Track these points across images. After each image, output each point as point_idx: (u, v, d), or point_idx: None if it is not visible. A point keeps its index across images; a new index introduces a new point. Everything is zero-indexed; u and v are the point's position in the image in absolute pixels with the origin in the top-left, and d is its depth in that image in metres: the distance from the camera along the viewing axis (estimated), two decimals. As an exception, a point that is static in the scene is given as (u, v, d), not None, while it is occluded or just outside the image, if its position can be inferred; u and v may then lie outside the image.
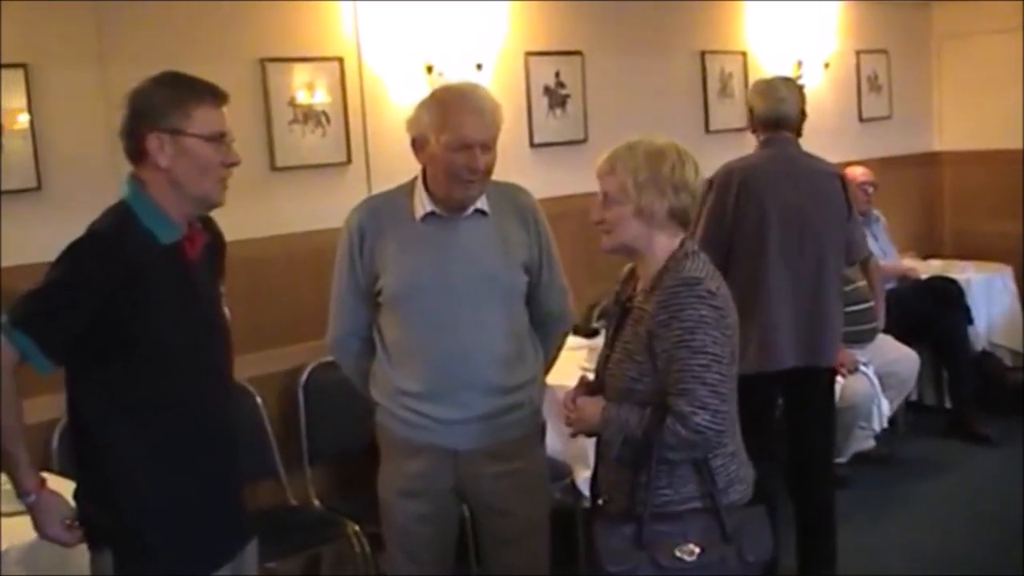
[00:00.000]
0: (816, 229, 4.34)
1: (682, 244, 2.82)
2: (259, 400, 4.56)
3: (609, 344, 2.92)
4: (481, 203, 3.23)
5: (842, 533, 5.21)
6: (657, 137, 2.85)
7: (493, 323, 3.22)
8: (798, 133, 4.50)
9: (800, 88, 4.63)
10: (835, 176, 4.53)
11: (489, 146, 3.13)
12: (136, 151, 2.63)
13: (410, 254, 3.21)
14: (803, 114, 4.53)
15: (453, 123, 3.10)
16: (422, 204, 3.22)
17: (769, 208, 4.26)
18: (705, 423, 2.65)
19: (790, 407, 4.54)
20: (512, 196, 3.35)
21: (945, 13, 8.02)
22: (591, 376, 3.03)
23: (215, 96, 2.66)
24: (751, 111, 4.56)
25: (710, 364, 2.65)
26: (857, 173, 6.85)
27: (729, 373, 2.72)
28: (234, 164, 2.68)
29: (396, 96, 5.17)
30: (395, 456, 3.35)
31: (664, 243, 2.80)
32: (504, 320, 3.25)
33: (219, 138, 2.64)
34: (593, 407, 2.82)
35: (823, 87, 7.27)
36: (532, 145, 5.72)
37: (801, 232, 4.30)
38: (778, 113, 4.46)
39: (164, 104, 2.60)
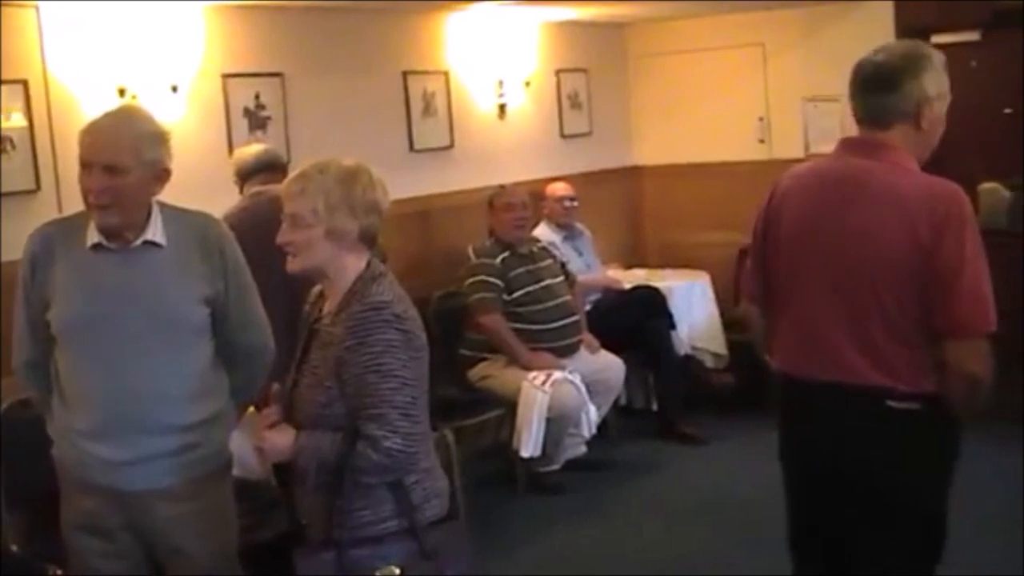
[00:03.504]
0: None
1: (369, 265, 2.83)
2: (-52, 443, 4.29)
3: (297, 367, 2.89)
4: (154, 234, 3.12)
5: (560, 538, 5.37)
6: (345, 159, 2.86)
7: (164, 360, 3.11)
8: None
9: None
10: None
11: (116, 170, 3.02)
12: None
13: (77, 285, 3.10)
14: None
15: (80, 141, 3.07)
16: (93, 233, 3.11)
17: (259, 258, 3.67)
18: (397, 447, 2.68)
19: None
20: (197, 226, 3.25)
21: (639, 34, 8.33)
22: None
23: None
24: (241, 170, 4.87)
25: (400, 387, 2.69)
26: (557, 188, 7.05)
27: (419, 394, 2.75)
28: None
29: (88, 120, 4.97)
30: (71, 492, 3.23)
31: (353, 264, 2.81)
32: (177, 356, 3.14)
33: None
34: (284, 439, 2.79)
35: (525, 106, 7.43)
36: (234, 168, 5.62)
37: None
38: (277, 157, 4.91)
39: None
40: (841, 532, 3.11)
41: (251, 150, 5.01)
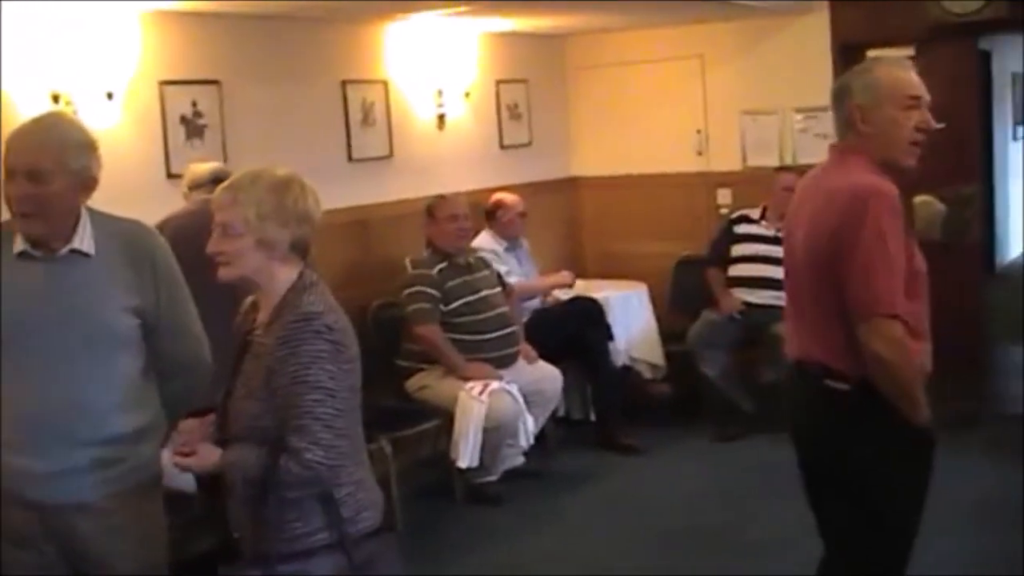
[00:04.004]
0: None
1: (301, 276, 2.81)
2: None
3: (231, 378, 2.86)
4: (82, 243, 3.07)
5: (498, 549, 5.36)
6: (278, 168, 2.85)
7: (90, 370, 3.05)
8: None
9: None
10: None
11: (39, 177, 2.95)
12: None
13: (2, 293, 3.02)
14: None
15: (4, 147, 3.00)
16: (19, 241, 3.06)
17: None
18: (318, 459, 2.66)
19: None
20: (128, 234, 3.19)
21: (578, 45, 8.35)
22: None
23: None
24: (194, 181, 5.03)
25: (324, 399, 2.66)
26: (513, 201, 7.01)
27: (347, 407, 2.73)
28: None
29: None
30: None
31: (284, 275, 2.79)
32: (103, 367, 3.07)
33: None
34: (211, 455, 2.77)
35: (465, 116, 7.42)
36: (169, 176, 5.54)
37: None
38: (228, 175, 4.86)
39: None
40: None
41: (207, 165, 5.10)
